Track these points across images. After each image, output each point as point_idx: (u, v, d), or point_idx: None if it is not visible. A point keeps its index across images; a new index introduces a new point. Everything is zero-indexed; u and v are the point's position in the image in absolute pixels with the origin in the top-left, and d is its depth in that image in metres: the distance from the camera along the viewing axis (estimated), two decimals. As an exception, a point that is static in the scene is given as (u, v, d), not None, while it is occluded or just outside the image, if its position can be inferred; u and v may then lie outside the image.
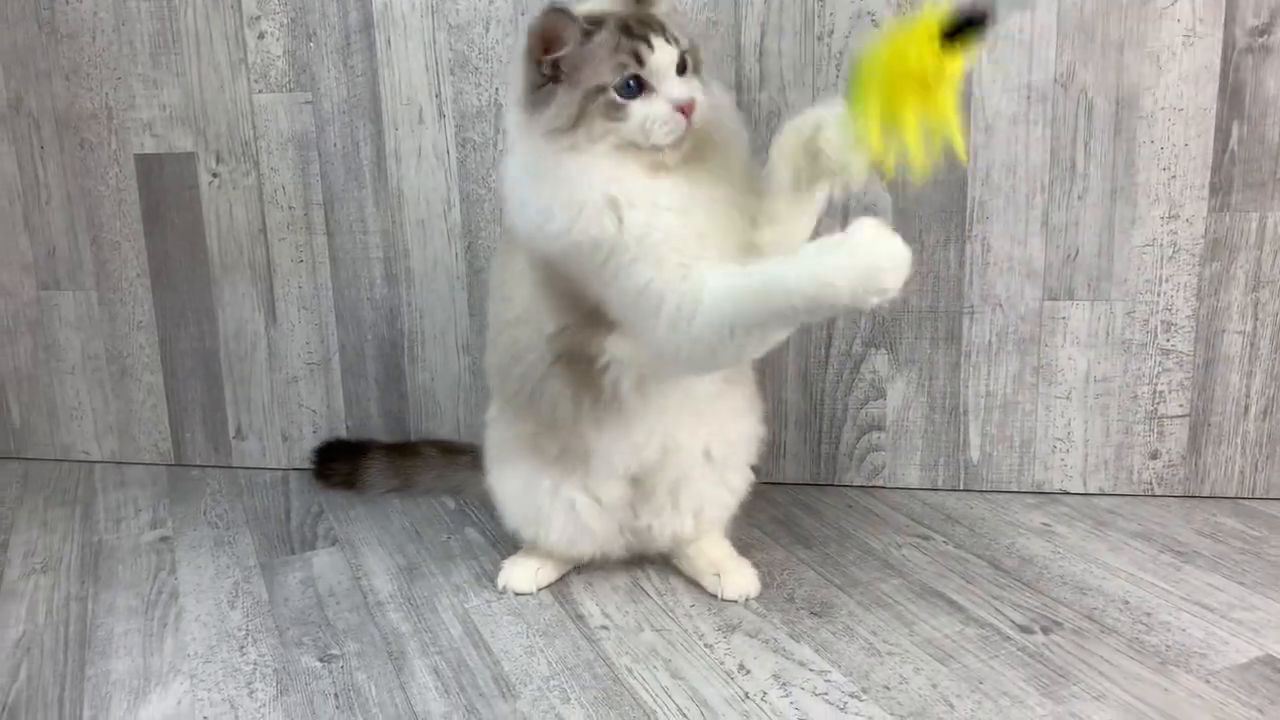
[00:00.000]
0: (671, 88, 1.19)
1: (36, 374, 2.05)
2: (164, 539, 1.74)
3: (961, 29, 1.07)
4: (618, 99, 1.18)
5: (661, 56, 1.18)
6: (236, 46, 1.82)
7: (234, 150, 1.86)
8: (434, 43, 1.76)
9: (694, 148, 1.23)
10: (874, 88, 1.12)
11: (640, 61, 1.18)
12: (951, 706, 1.22)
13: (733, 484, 1.48)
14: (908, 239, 1.10)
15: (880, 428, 1.79)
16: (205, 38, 1.82)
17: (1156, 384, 1.70)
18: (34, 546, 1.73)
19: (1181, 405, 1.70)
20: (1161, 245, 1.65)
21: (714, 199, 1.23)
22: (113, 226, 1.94)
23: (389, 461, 1.85)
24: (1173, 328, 1.67)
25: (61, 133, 1.91)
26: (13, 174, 1.95)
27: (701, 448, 1.42)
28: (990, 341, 1.72)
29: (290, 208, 1.87)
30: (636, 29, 1.18)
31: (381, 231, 1.86)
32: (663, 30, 1.19)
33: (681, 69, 1.21)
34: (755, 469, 1.51)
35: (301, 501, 1.86)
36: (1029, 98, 1.63)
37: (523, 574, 1.51)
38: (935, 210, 1.68)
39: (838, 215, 1.68)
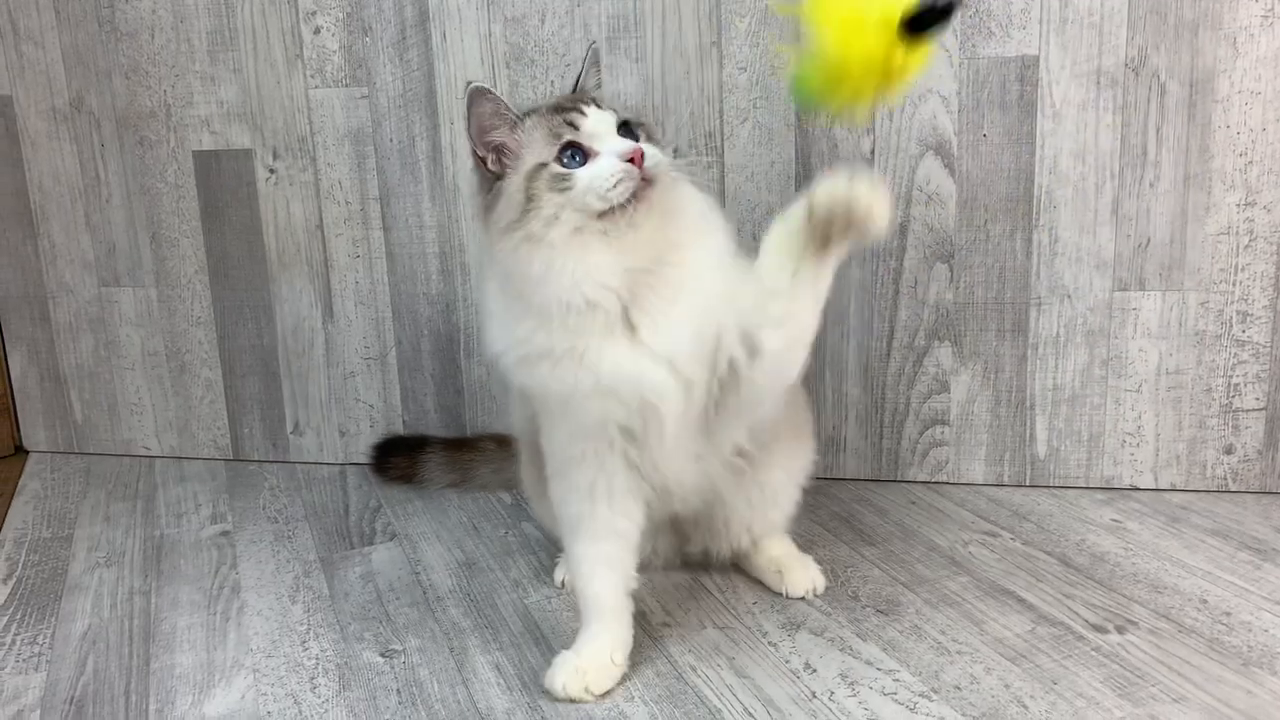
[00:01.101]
0: (613, 144, 1.14)
1: (98, 370, 2.07)
2: (224, 533, 1.75)
3: (924, 20, 0.97)
4: (560, 169, 1.13)
5: (595, 120, 1.15)
6: (293, 42, 1.82)
7: (290, 146, 1.87)
8: (489, 35, 1.75)
9: (661, 222, 1.16)
10: (827, 67, 1.02)
11: (575, 127, 1.15)
12: (1025, 707, 1.18)
13: (783, 506, 1.46)
14: (973, 229, 1.07)
15: (944, 422, 1.75)
16: (262, 34, 1.82)
17: (1231, 377, 1.64)
18: (97, 540, 1.74)
19: (1258, 399, 1.64)
20: (1237, 233, 1.59)
21: (677, 317, 1.17)
22: (171, 224, 1.95)
23: (447, 456, 1.84)
24: (1249, 318, 1.62)
25: (121, 131, 1.93)
26: (74, 173, 1.97)
27: (750, 492, 1.41)
28: (1058, 333, 1.68)
29: (347, 203, 1.87)
30: (567, 104, 1.17)
31: (437, 226, 1.85)
32: (595, 101, 1.18)
33: (629, 134, 1.17)
34: (804, 488, 1.49)
35: (359, 496, 1.86)
36: (1099, 83, 1.58)
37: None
38: (1001, 200, 1.65)
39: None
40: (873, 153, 1.67)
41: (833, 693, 1.23)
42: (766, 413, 1.29)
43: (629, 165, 1.12)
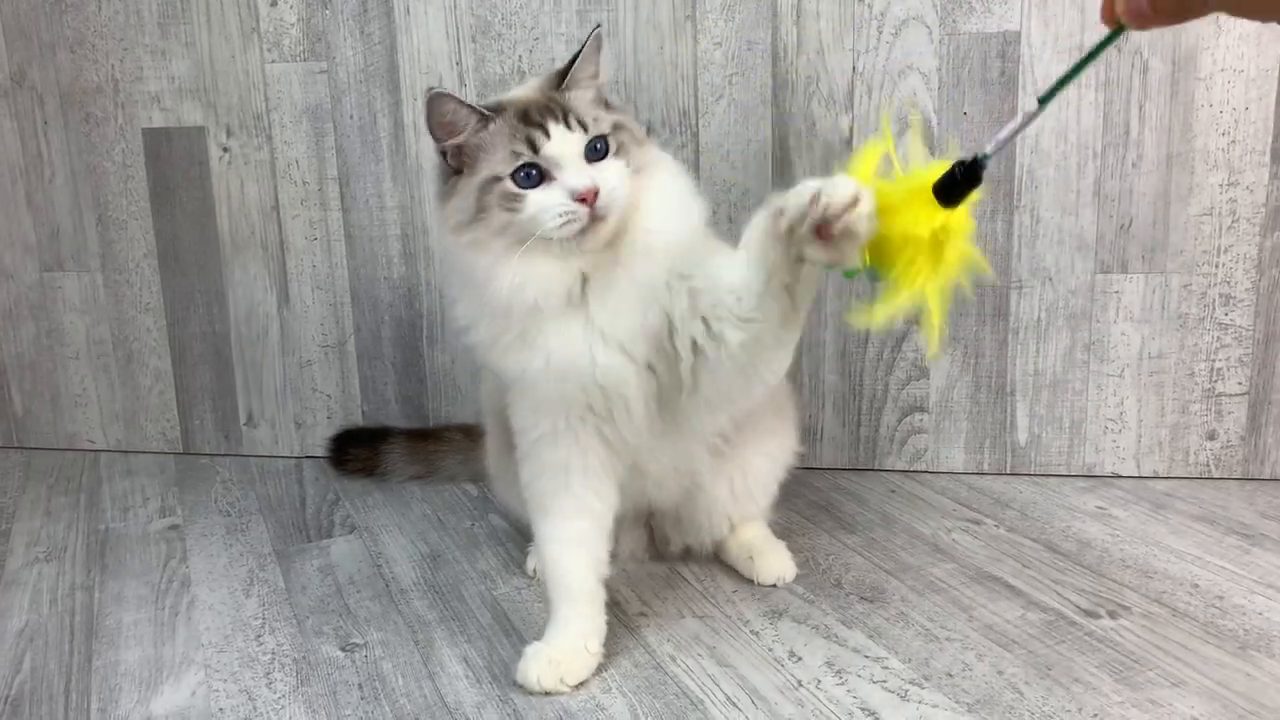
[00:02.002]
0: (570, 176, 1.09)
1: (39, 360, 1.97)
2: (173, 527, 1.66)
3: (954, 184, 0.92)
4: (514, 188, 1.09)
5: (559, 144, 1.09)
6: (249, 14, 1.74)
7: (245, 124, 1.79)
8: (455, 7, 1.68)
9: (615, 237, 1.12)
10: (892, 264, 0.96)
11: (535, 149, 1.09)
12: (1020, 694, 1.13)
13: (759, 500, 1.42)
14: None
15: (923, 409, 1.71)
16: (216, 6, 1.75)
17: (1214, 360, 1.62)
18: (37, 535, 1.65)
19: (1240, 383, 1.62)
20: (1220, 214, 1.57)
21: (627, 302, 1.13)
22: (119, 205, 1.86)
23: (410, 447, 1.77)
24: (1231, 301, 1.59)
25: (66, 107, 1.84)
26: (15, 151, 1.87)
27: (725, 484, 1.38)
28: (1039, 317, 1.64)
29: (304, 183, 1.80)
30: (535, 115, 1.10)
31: (399, 207, 1.78)
32: (565, 116, 1.11)
33: (603, 153, 1.11)
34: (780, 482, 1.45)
35: (316, 489, 1.78)
36: (1081, 60, 1.55)
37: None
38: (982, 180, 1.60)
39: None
40: (851, 132, 1.63)
41: (819, 681, 1.17)
42: (745, 406, 1.23)
43: (578, 206, 1.08)
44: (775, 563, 1.40)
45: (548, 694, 1.16)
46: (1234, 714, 1.08)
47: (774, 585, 1.38)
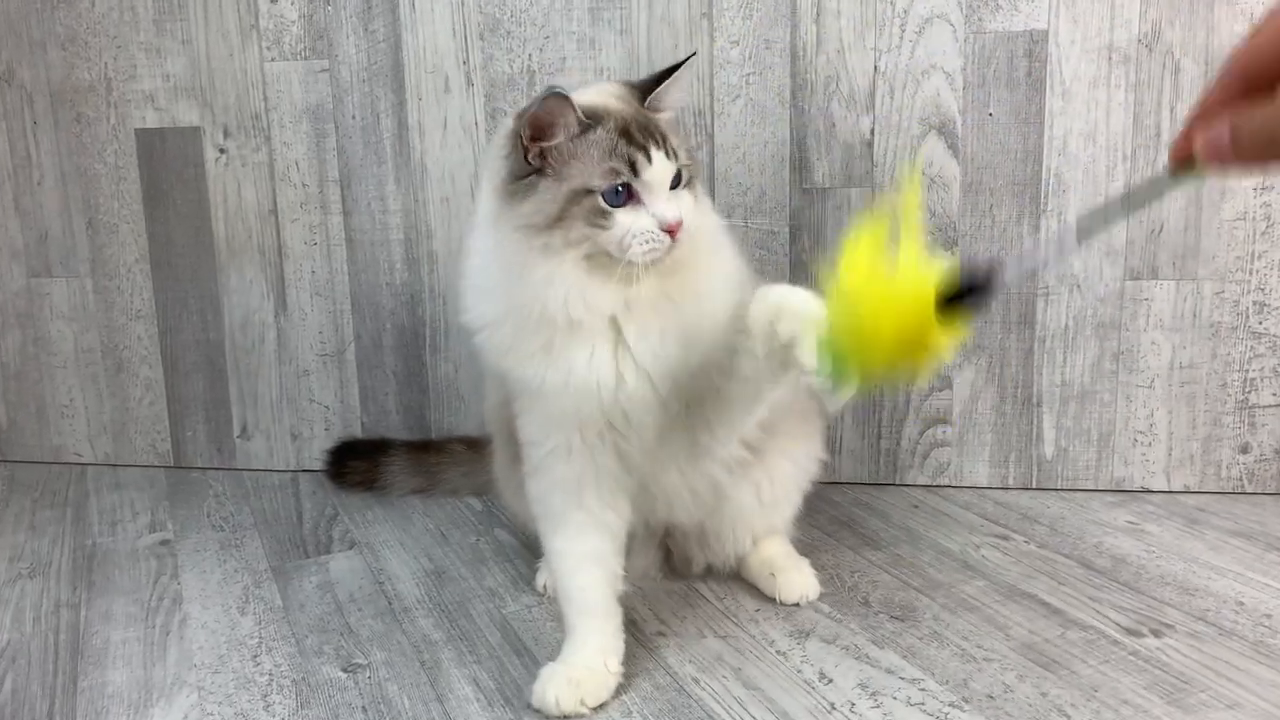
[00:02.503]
0: (661, 204, 1.05)
1: (25, 370, 1.89)
2: (164, 542, 1.58)
3: (962, 296, 0.85)
4: (605, 205, 1.04)
5: (658, 170, 1.05)
6: (248, 11, 1.68)
7: (243, 124, 1.73)
8: (462, 4, 1.63)
9: (670, 268, 1.09)
10: (859, 343, 0.91)
11: (635, 171, 1.04)
12: (1067, 717, 1.07)
13: (783, 512, 1.36)
14: (977, 214, 0.96)
15: (946, 421, 1.65)
16: (214, 2, 1.69)
17: (1247, 371, 1.56)
18: (20, 550, 1.57)
19: (1275, 394, 1.56)
20: (1254, 219, 1.52)
21: (671, 338, 1.10)
22: (110, 208, 1.79)
23: (411, 459, 1.70)
24: (1266, 309, 1.54)
25: (56, 107, 1.77)
26: (3, 152, 1.80)
27: (750, 497, 1.31)
28: (1067, 325, 1.58)
29: (304, 185, 1.73)
30: (638, 135, 1.05)
31: (403, 210, 1.72)
32: (664, 142, 1.06)
33: (675, 183, 1.07)
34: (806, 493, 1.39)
35: (313, 504, 1.71)
36: (1110, 59, 1.50)
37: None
38: (1007, 183, 1.56)
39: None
40: (872, 133, 1.57)
41: (853, 704, 1.11)
42: (747, 427, 1.20)
43: (664, 235, 1.04)
44: (798, 580, 1.33)
45: (566, 717, 1.09)
46: (1296, 738, 1.02)
47: (797, 604, 1.32)
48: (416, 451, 1.72)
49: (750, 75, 1.58)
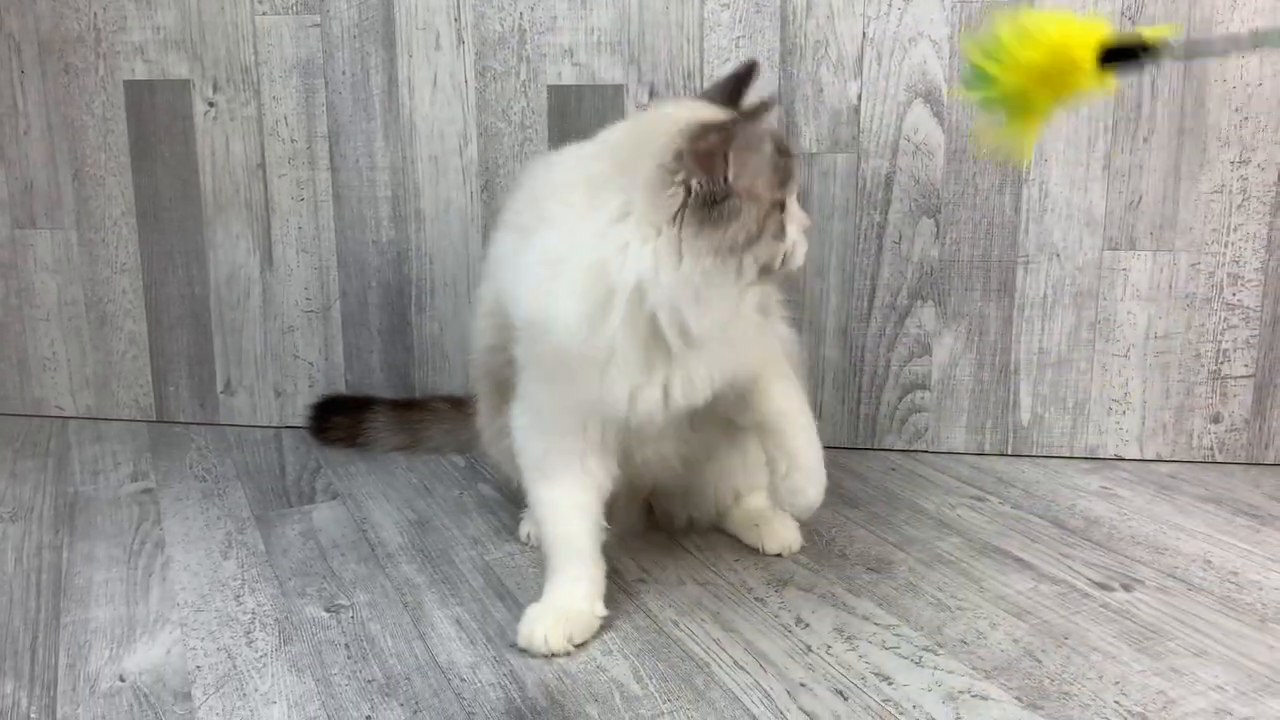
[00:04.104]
0: (797, 212, 1.09)
1: (7, 321, 1.89)
2: (146, 490, 1.59)
3: (1124, 54, 0.99)
4: (782, 218, 1.06)
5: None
6: (240, -36, 1.68)
7: (233, 77, 1.73)
8: (455, -38, 1.64)
9: None
10: (1018, 71, 1.01)
11: (793, 182, 1.07)
12: (1039, 661, 1.09)
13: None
14: (960, 182, 0.99)
15: (925, 387, 1.67)
16: (206, -47, 1.69)
17: (1221, 342, 1.59)
18: (1, 496, 1.57)
19: (1247, 365, 1.59)
20: (1231, 192, 1.55)
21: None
22: (97, 160, 1.79)
23: (395, 416, 1.71)
24: (1240, 281, 1.57)
25: (43, 57, 1.76)
26: (-11, 102, 1.80)
27: (739, 457, 1.34)
28: (1045, 294, 1.61)
29: (292, 141, 1.74)
30: (784, 146, 1.07)
31: (390, 168, 1.72)
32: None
33: None
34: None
35: (296, 457, 1.72)
36: (1094, 31, 1.52)
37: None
38: (990, 152, 1.58)
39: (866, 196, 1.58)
40: (859, 99, 1.59)
41: (829, 646, 1.13)
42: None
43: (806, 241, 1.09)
44: (782, 532, 1.35)
45: (553, 655, 1.11)
46: (1259, 683, 1.05)
47: (779, 554, 1.34)
48: (400, 409, 1.72)
49: (740, 39, 1.60)
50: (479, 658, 1.12)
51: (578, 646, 1.12)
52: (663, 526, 1.41)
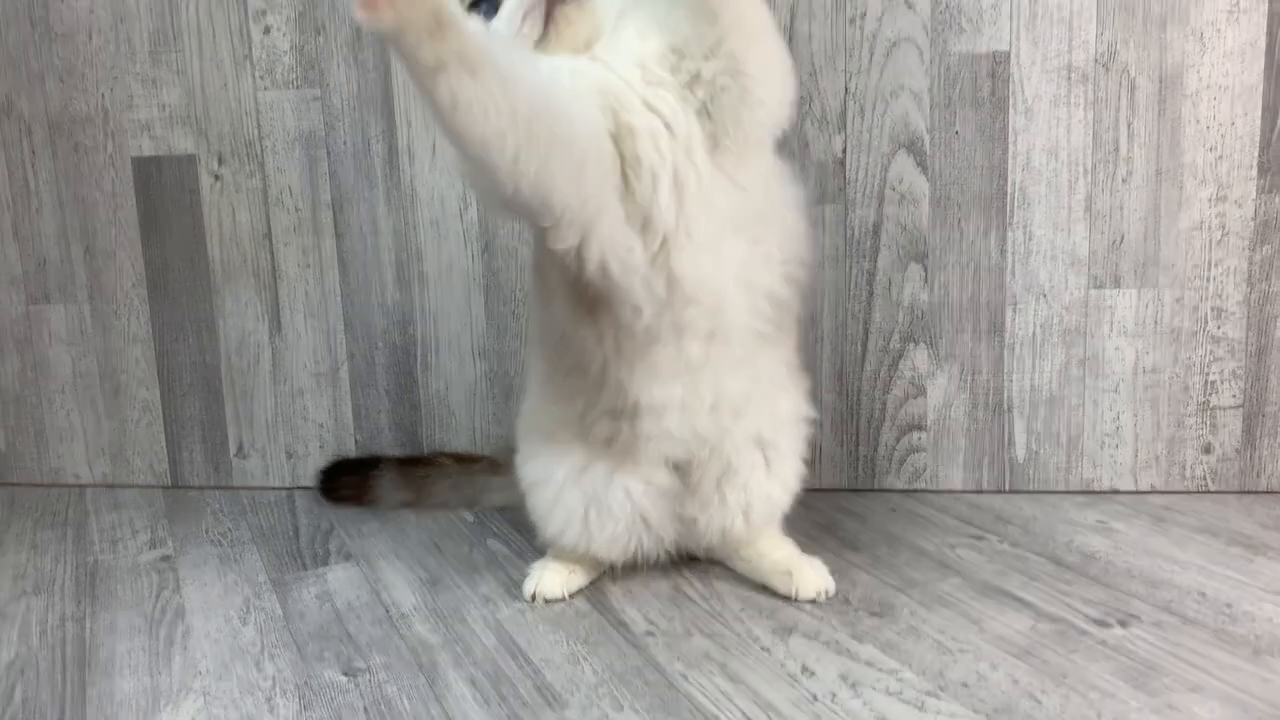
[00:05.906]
0: None
1: (24, 394, 1.94)
2: (165, 558, 1.62)
3: None
4: None
5: None
6: (241, 42, 1.74)
7: (237, 151, 1.78)
8: (449, 33, 1.69)
9: None
10: None
11: None
12: (1038, 702, 1.12)
13: (784, 477, 1.39)
14: (947, 227, 1.00)
15: (921, 427, 1.71)
16: (208, 33, 1.74)
17: (1208, 374, 1.63)
18: (23, 569, 1.61)
19: (1234, 395, 1.63)
20: (1210, 228, 1.59)
21: None
22: (107, 234, 1.85)
23: (400, 473, 1.75)
24: (1223, 314, 1.61)
25: (54, 137, 1.82)
26: (1, 182, 1.85)
27: (753, 431, 1.35)
28: (1034, 333, 1.65)
29: (297, 210, 1.79)
30: None
31: (393, 233, 1.78)
32: None
33: None
34: (806, 462, 1.42)
35: (309, 519, 1.75)
36: (1069, 78, 1.57)
37: (553, 578, 1.42)
38: (974, 197, 1.62)
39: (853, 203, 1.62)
40: (844, 151, 1.64)
41: (835, 694, 1.16)
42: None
43: None
44: (815, 578, 1.39)
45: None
46: (1254, 717, 1.08)
47: (814, 600, 1.37)
48: (405, 465, 1.77)
49: None
50: (494, 717, 1.15)
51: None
52: (689, 532, 1.43)
